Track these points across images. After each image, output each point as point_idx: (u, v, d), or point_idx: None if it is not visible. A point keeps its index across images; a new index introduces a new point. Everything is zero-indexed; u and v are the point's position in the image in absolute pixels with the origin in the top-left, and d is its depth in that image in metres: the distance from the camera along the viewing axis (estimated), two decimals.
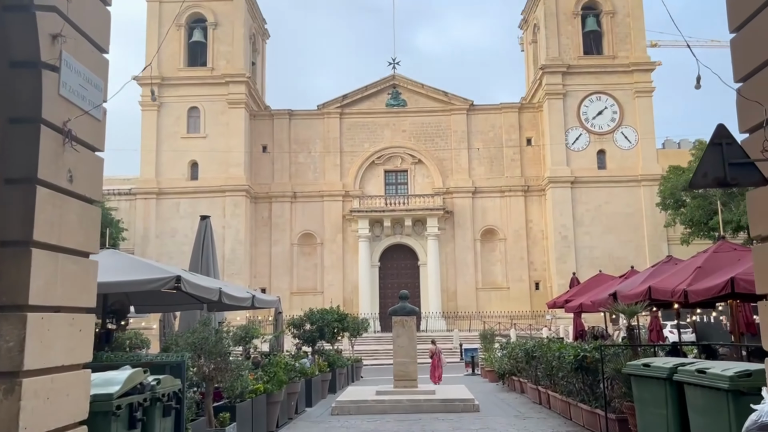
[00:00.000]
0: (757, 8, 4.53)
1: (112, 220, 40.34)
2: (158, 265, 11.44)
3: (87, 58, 4.69)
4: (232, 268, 44.31)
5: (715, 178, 4.26)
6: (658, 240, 43.69)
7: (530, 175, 47.21)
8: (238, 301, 12.51)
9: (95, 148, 4.93)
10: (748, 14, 4.62)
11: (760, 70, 4.46)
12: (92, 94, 4.74)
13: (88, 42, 4.77)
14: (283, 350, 24.03)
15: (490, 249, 47.14)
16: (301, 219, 47.60)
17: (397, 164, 48.49)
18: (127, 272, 10.79)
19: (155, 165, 45.46)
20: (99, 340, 12.92)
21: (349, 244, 47.22)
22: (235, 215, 45.03)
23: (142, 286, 10.39)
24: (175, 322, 17.72)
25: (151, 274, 10.49)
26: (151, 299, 13.75)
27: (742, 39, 4.71)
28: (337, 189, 47.56)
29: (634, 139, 45.09)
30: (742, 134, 4.65)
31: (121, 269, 11.03)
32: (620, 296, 12.09)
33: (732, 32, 4.81)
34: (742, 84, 4.67)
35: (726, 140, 4.32)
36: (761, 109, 4.26)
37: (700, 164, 4.37)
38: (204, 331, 8.57)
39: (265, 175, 48.03)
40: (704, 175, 4.31)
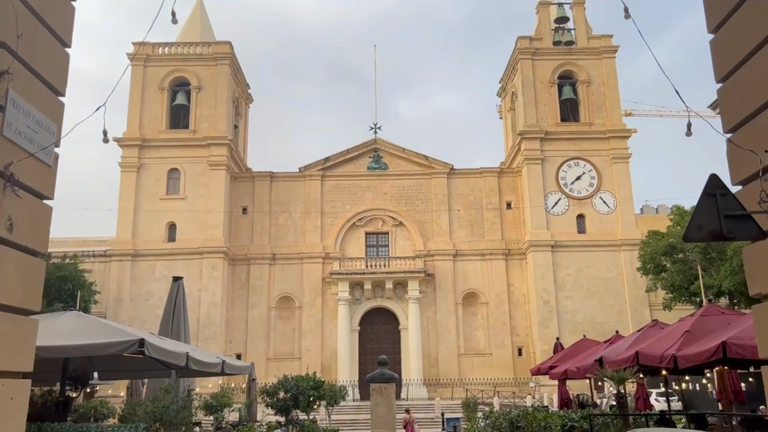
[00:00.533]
0: (743, 57, 4.39)
1: (85, 282, 39.27)
2: (123, 327, 10.82)
3: (39, 100, 4.37)
4: (207, 332, 43.05)
5: (710, 231, 3.97)
6: (639, 305, 43.48)
7: (511, 238, 47.23)
8: (207, 367, 11.83)
9: (43, 196, 4.53)
10: (735, 64, 4.48)
11: (750, 119, 4.27)
12: (42, 137, 4.38)
13: (42, 83, 4.45)
14: (256, 420, 22.94)
15: (472, 313, 46.52)
16: (279, 282, 46.77)
17: (378, 226, 48.30)
18: (89, 335, 10.19)
19: (132, 226, 44.73)
20: (57, 409, 12.07)
21: (329, 308, 46.31)
22: (212, 278, 44.12)
23: (103, 349, 9.77)
24: (143, 390, 16.82)
25: (114, 337, 9.89)
26: (117, 365, 13.01)
27: (730, 88, 4.55)
28: (317, 251, 47.05)
29: (612, 204, 45.57)
30: (734, 186, 4.42)
31: (84, 332, 10.42)
32: (607, 362, 11.65)
33: (719, 82, 4.65)
34: (733, 134, 4.47)
35: (720, 191, 4.07)
36: (755, 159, 4.04)
37: (693, 216, 4.09)
38: (165, 399, 7.94)
39: (244, 237, 47.47)
40: (699, 228, 4.02)
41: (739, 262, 31.92)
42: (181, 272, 43.52)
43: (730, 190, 4.14)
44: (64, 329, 10.72)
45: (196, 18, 52.48)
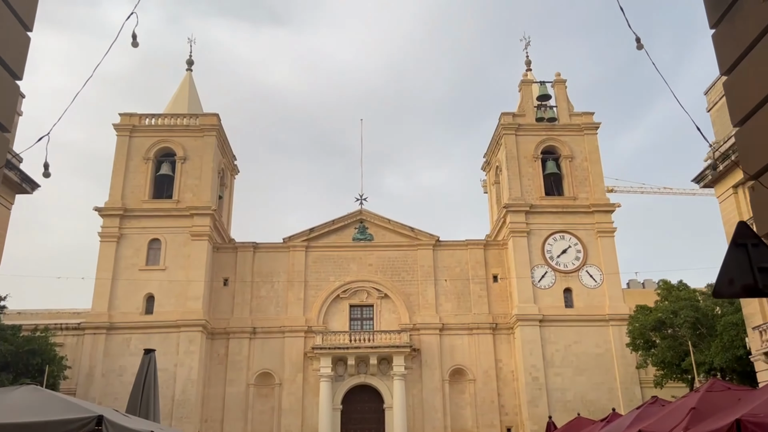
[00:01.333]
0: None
1: (55, 357, 37.49)
2: (82, 403, 9.86)
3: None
4: (182, 411, 41.03)
5: (743, 285, 3.45)
6: (630, 382, 42.33)
7: (498, 312, 46.39)
8: None
9: None
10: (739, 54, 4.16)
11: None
12: None
13: None
14: None
15: (459, 391, 44.94)
16: (259, 357, 45.12)
17: (363, 298, 47.31)
18: (44, 412, 9.24)
19: (109, 298, 43.38)
20: None
21: (310, 385, 44.54)
22: (189, 352, 42.46)
23: (56, 428, 8.80)
24: None
25: (69, 413, 8.97)
26: None
27: (736, 83, 4.23)
28: (300, 324, 45.74)
29: (599, 278, 45.19)
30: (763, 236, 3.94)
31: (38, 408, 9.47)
32: None
33: (724, 74, 4.37)
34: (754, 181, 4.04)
35: (751, 241, 3.57)
36: None
37: (723, 269, 3.57)
38: None
39: (224, 309, 46.15)
40: (730, 283, 3.49)
41: (730, 338, 31.32)
42: (158, 346, 41.91)
43: (762, 240, 3.65)
44: (17, 405, 9.76)
45: (185, 90, 53.15)
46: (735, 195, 25.59)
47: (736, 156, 24.27)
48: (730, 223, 25.86)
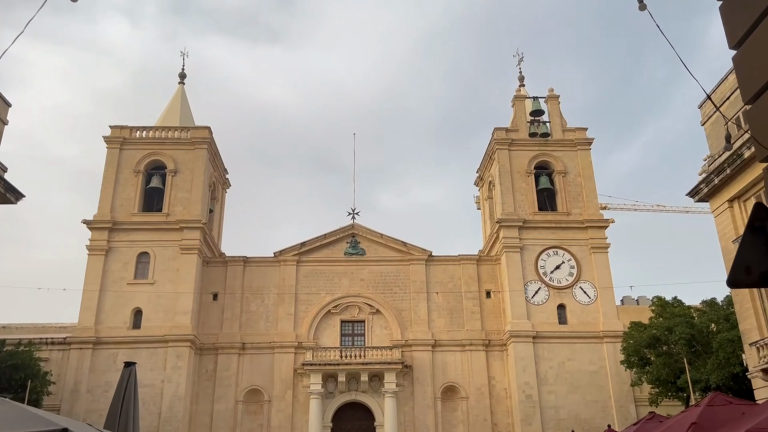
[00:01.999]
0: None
1: (39, 372, 36.67)
2: (47, 416, 9.30)
3: None
4: (168, 428, 40.10)
5: (762, 273, 3.03)
6: (625, 400, 41.74)
7: (491, 328, 45.82)
8: None
9: None
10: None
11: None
12: None
13: None
14: None
15: (451, 408, 44.20)
16: (248, 373, 44.29)
17: (355, 314, 46.67)
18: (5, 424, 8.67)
19: (96, 312, 42.59)
20: None
21: (300, 402, 43.70)
22: (177, 368, 41.62)
23: None
24: None
25: (31, 426, 8.42)
26: None
27: (745, 56, 3.84)
28: (290, 340, 45.00)
29: (593, 294, 44.78)
30: None
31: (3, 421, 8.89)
32: None
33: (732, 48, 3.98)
34: None
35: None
36: None
37: (738, 256, 3.16)
38: None
39: (213, 324, 45.39)
40: (747, 271, 3.08)
41: (725, 355, 30.88)
42: (145, 361, 41.27)
43: None
44: None
45: (177, 104, 52.83)
46: (730, 209, 25.30)
47: (731, 169, 24.05)
48: (726, 237, 25.56)
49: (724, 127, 21.69)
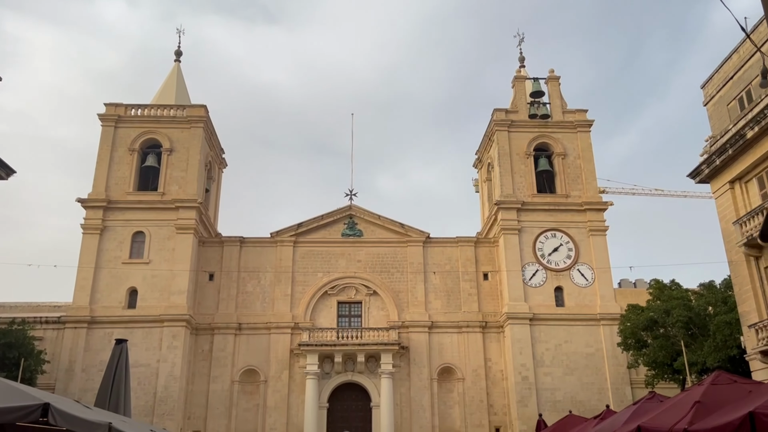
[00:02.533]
0: None
1: (33, 351, 36.49)
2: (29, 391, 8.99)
3: None
4: (164, 407, 40.02)
5: None
6: (621, 383, 41.75)
7: (488, 310, 45.70)
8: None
9: None
10: None
11: None
12: None
13: None
14: None
15: (447, 390, 44.21)
16: (244, 353, 44.18)
17: (351, 295, 46.48)
18: None
19: (90, 291, 42.32)
20: None
21: (296, 382, 43.65)
22: (173, 348, 41.47)
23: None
24: None
25: (12, 401, 8.11)
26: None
27: None
28: (286, 320, 44.84)
29: (590, 277, 44.60)
30: None
31: None
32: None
33: None
34: None
35: None
36: None
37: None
38: None
39: (209, 304, 45.17)
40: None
41: (723, 338, 30.76)
42: (140, 341, 41.13)
43: None
44: None
45: (173, 82, 52.13)
46: (731, 190, 24.99)
47: (733, 149, 23.69)
48: (726, 219, 25.28)
49: (761, 64, 21.16)
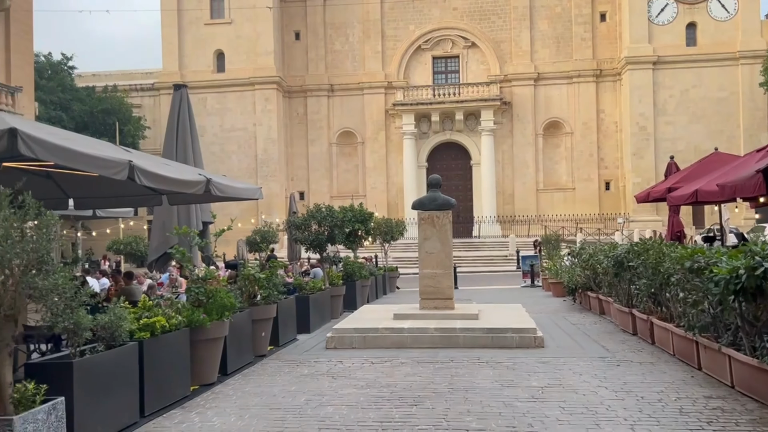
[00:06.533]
0: None
1: (131, 117, 36.88)
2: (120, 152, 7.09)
3: None
4: (266, 169, 40.54)
5: None
6: (756, 129, 36.95)
7: (603, 57, 40.47)
8: (185, 187, 8.07)
9: None
10: None
11: None
12: None
13: None
14: (300, 258, 20.14)
15: (553, 145, 41.47)
16: (339, 115, 42.89)
17: (447, 49, 42.47)
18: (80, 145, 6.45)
19: (178, 56, 41.12)
20: None
21: (393, 143, 42.44)
22: (266, 111, 40.68)
23: (88, 164, 6.03)
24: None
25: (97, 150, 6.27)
26: (89, 190, 9.67)
27: None
28: (379, 80, 42.24)
29: (733, 8, 37.35)
30: None
31: None
32: None
33: None
34: None
35: None
36: None
37: None
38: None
39: (298, 66, 43.05)
40: None
41: None
42: (234, 106, 40.62)
43: None
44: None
45: None
46: None
47: None
48: None
49: None
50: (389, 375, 7.52)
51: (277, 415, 5.91)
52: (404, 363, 8.20)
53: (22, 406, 4.10)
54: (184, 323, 6.43)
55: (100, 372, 5.00)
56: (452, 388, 6.77)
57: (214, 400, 6.53)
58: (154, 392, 5.84)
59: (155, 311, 6.15)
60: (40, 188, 8.44)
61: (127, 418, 5.38)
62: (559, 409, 5.88)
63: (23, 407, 4.10)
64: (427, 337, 9.27)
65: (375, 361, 8.40)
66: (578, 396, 6.37)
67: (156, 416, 5.84)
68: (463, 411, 5.90)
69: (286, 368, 8.13)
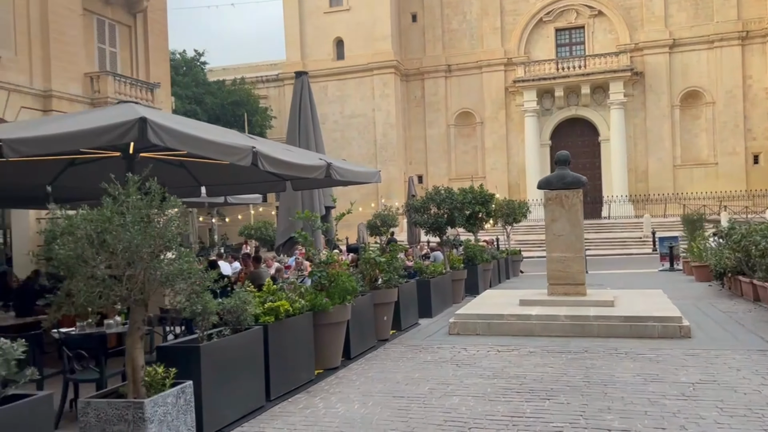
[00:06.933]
0: None
1: (258, 108, 38.62)
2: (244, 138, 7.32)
3: None
4: (385, 154, 40.85)
5: None
6: None
7: (750, 17, 36.52)
8: (307, 171, 8.08)
9: None
10: None
11: None
12: None
13: None
14: (420, 242, 19.97)
15: (692, 117, 38.17)
16: (457, 96, 42.17)
17: (571, 20, 40.27)
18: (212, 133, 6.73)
19: (300, 46, 42.32)
20: None
21: (514, 122, 41.09)
22: (385, 96, 40.87)
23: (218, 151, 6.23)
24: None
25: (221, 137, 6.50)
26: (214, 177, 10.03)
27: None
28: (498, 57, 40.96)
29: None
30: None
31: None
32: None
33: None
34: None
35: None
36: None
37: None
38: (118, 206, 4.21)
39: (415, 48, 42.78)
40: None
41: None
42: (353, 92, 41.24)
43: None
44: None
45: None
46: None
47: None
48: None
49: None
50: (517, 365, 7.10)
51: (401, 403, 5.72)
52: (533, 352, 7.72)
53: (153, 389, 4.18)
54: (307, 307, 6.41)
55: (227, 356, 5.05)
56: (588, 382, 6.23)
57: (338, 385, 6.47)
58: (279, 376, 5.85)
59: (279, 295, 6.17)
60: (174, 177, 8.83)
61: (253, 402, 5.41)
62: (717, 410, 5.18)
63: (154, 390, 4.18)
64: (557, 325, 8.69)
65: (501, 349, 8.00)
66: (738, 395, 5.60)
67: (281, 400, 5.86)
68: (602, 407, 5.37)
69: (409, 354, 7.95)
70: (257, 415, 5.40)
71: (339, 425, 5.16)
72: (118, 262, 4.15)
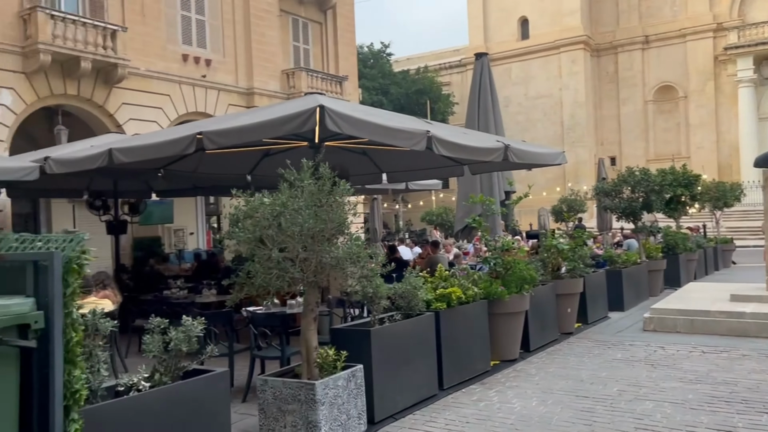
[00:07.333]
0: None
1: (441, 95, 38.88)
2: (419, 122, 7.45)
3: None
4: (573, 135, 38.77)
5: None
6: None
7: None
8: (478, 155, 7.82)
9: None
10: None
11: None
12: None
13: None
14: (611, 228, 18.56)
15: None
16: (655, 69, 38.55)
17: None
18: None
19: (483, 29, 41.66)
20: None
21: (725, 94, 36.55)
22: (572, 73, 38.70)
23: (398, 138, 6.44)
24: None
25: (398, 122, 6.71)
26: None
27: None
28: (705, 22, 36.66)
29: None
30: None
31: None
32: None
33: None
34: None
35: None
36: None
37: None
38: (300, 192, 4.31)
39: (607, 21, 39.86)
40: None
41: None
42: (538, 73, 39.75)
43: None
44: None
45: None
46: None
47: None
48: None
49: None
50: (727, 369, 6.17)
51: (585, 404, 5.23)
52: (746, 356, 6.67)
53: (324, 371, 4.24)
54: (480, 295, 6.15)
55: (398, 341, 4.99)
56: None
57: (515, 378, 6.13)
58: (452, 365, 5.68)
59: (451, 281, 5.98)
60: (358, 165, 9.07)
61: (425, 390, 5.30)
62: None
63: (326, 372, 4.23)
64: None
65: (706, 350, 7.03)
66: None
67: (454, 390, 5.68)
68: None
69: (596, 350, 7.32)
70: (429, 404, 5.28)
71: (514, 422, 4.84)
72: (292, 245, 4.26)
